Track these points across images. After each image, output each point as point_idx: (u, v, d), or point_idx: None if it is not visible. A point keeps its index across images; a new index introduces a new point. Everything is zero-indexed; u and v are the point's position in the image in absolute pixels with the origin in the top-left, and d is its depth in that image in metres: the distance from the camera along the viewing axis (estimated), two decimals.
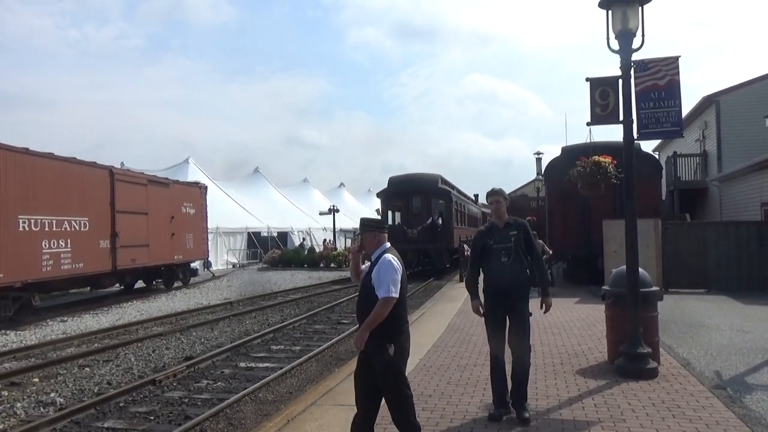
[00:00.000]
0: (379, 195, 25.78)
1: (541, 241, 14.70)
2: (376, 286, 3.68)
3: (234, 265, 32.15)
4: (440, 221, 23.41)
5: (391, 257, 3.78)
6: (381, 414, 3.92)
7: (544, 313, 4.99)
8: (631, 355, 6.11)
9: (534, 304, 4.94)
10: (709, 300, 12.74)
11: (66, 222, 14.08)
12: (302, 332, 11.44)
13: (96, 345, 10.35)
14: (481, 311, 4.95)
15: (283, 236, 37.55)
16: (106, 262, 15.63)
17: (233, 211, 34.09)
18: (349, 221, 41.00)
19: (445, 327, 9.65)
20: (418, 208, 23.95)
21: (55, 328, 12.36)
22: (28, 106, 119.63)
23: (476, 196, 38.74)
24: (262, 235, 35.96)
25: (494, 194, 5.08)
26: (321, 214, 38.26)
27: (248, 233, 34.50)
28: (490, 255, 4.92)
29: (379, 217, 21.86)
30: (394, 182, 25.09)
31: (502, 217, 5.00)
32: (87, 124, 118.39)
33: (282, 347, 9.99)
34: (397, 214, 25.29)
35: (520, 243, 4.91)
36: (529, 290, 4.96)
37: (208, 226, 23.44)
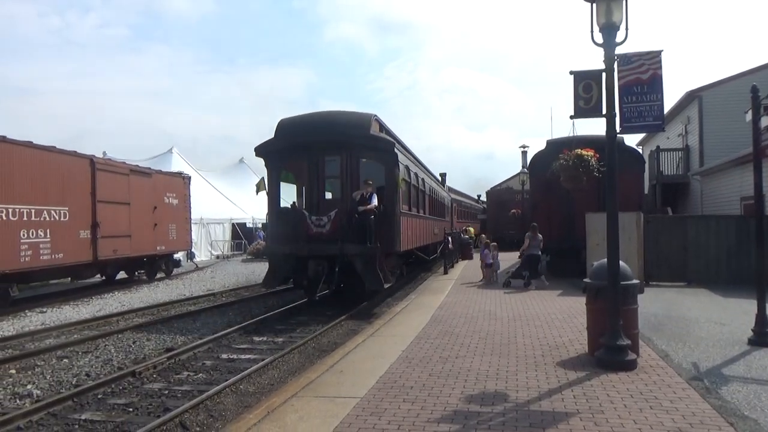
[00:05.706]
0: (259, 152, 13.17)
1: (531, 234, 14.54)
2: None
3: (218, 257, 31.93)
4: (375, 201, 12.27)
5: None
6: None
7: None
8: (611, 347, 6.17)
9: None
10: (689, 293, 12.90)
11: (45, 212, 13.85)
12: (285, 323, 11.39)
13: (75, 336, 10.21)
14: None
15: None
16: (87, 253, 15.43)
17: (217, 202, 33.82)
18: None
19: (428, 319, 9.67)
20: (334, 176, 13.01)
21: (34, 319, 12.17)
22: (5, 96, 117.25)
23: (443, 175, 27.69)
24: (246, 225, 35.72)
25: None
26: None
27: (233, 224, 34.26)
28: None
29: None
30: (287, 128, 13.17)
31: None
32: (68, 114, 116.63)
33: (264, 338, 9.93)
34: (298, 190, 14.27)
35: None
36: None
37: (192, 217, 23.23)
